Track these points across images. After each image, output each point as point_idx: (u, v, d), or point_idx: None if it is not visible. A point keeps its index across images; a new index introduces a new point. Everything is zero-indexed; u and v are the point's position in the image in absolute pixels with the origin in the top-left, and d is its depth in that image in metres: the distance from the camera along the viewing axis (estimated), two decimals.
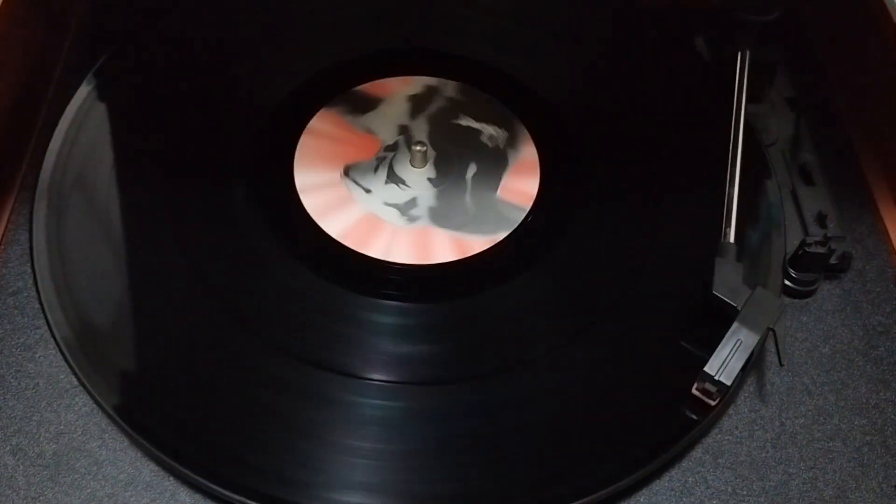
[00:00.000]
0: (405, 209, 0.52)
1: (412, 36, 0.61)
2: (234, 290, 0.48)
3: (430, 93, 0.58)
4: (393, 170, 0.54)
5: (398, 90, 0.58)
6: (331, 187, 0.53)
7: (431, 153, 0.54)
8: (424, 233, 0.51)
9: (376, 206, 0.52)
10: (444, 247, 0.50)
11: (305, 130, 0.55)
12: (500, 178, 0.54)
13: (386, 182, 0.53)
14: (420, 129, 0.56)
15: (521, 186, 0.53)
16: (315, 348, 0.46)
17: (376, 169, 0.54)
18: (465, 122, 0.56)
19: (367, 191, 0.53)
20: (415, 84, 0.58)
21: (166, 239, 0.49)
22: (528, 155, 0.55)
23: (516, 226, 0.51)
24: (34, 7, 0.58)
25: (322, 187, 0.52)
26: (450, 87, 0.58)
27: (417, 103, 0.57)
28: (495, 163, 0.55)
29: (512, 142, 0.56)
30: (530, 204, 0.52)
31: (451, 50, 0.60)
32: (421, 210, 0.52)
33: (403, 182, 0.54)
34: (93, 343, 0.45)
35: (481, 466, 0.42)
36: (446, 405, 0.44)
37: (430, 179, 0.54)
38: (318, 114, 0.56)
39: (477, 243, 0.50)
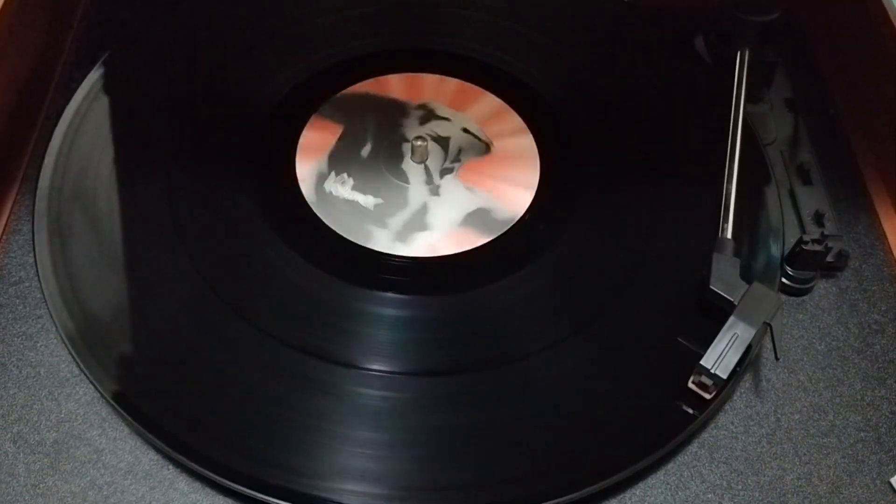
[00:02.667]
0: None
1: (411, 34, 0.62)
2: (234, 280, 0.48)
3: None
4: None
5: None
6: (385, 224, 0.52)
7: (434, 154, 0.55)
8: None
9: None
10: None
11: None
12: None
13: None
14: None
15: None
16: (314, 338, 0.46)
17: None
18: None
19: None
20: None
21: (166, 229, 0.50)
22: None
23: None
24: (38, 3, 0.59)
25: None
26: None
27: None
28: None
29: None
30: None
31: (457, 50, 0.61)
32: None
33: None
34: (93, 332, 0.45)
35: (478, 458, 0.43)
36: (445, 396, 0.45)
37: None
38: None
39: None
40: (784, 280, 0.50)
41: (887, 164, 0.57)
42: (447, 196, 0.53)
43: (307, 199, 0.52)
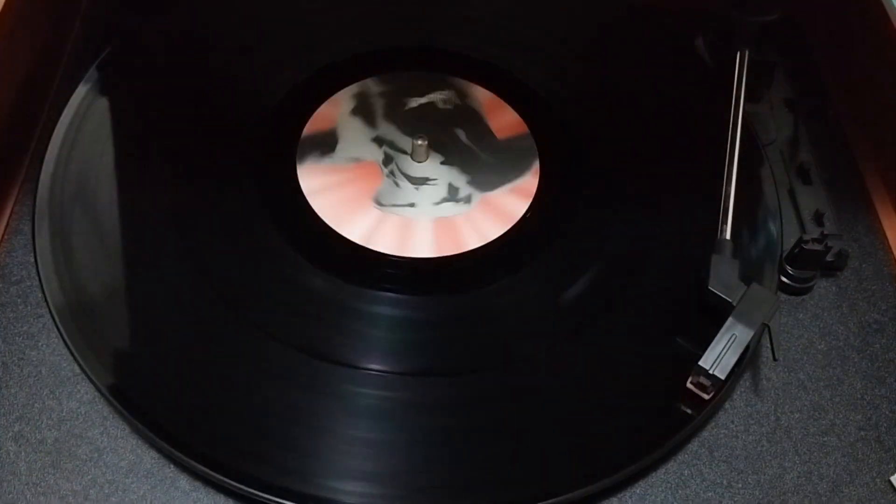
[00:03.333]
0: (453, 196, 0.53)
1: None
2: (236, 281, 0.48)
3: (363, 97, 0.58)
4: (409, 175, 0.54)
5: (336, 113, 0.57)
6: (384, 223, 0.52)
7: (432, 147, 0.55)
8: (487, 202, 0.53)
9: (432, 211, 0.52)
10: (513, 202, 0.53)
11: (308, 194, 0.53)
12: (487, 125, 0.56)
13: (416, 188, 0.54)
14: (390, 131, 0.56)
15: (505, 121, 0.56)
16: (315, 339, 0.46)
17: (397, 184, 0.54)
18: (415, 102, 0.57)
19: (412, 205, 0.53)
20: (344, 99, 0.58)
21: (167, 229, 0.50)
22: (486, 96, 0.57)
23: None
24: (38, 3, 0.59)
25: (378, 228, 0.51)
26: (371, 84, 0.58)
27: (364, 112, 0.57)
28: (471, 117, 0.57)
29: (463, 93, 0.58)
30: (527, 130, 0.55)
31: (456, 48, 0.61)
32: (465, 189, 0.53)
33: (428, 179, 0.54)
34: (94, 332, 0.45)
35: (477, 457, 0.43)
36: (443, 397, 0.45)
37: (442, 163, 0.55)
38: (301, 173, 0.53)
39: (529, 183, 0.53)
40: (784, 279, 0.50)
41: (887, 164, 0.57)
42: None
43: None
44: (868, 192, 0.57)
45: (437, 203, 0.53)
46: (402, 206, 0.53)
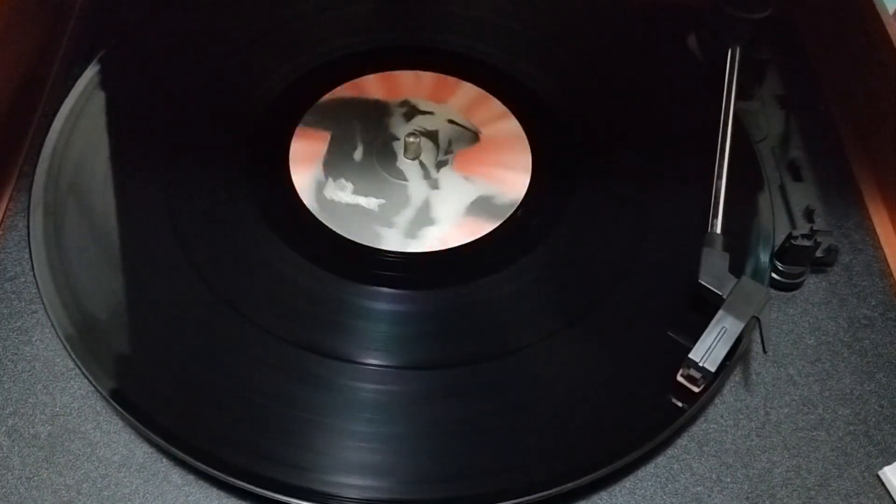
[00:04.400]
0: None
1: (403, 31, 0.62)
2: (229, 275, 0.48)
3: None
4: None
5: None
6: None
7: (427, 149, 0.55)
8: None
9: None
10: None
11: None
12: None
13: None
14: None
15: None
16: (310, 333, 0.46)
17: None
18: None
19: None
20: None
21: (161, 226, 0.50)
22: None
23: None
24: (35, 1, 0.59)
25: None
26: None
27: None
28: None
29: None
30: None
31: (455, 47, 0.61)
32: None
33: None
34: (88, 327, 0.45)
35: (470, 450, 0.43)
36: (440, 390, 0.45)
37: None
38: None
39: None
40: (774, 275, 0.51)
41: (878, 161, 0.58)
42: (447, 188, 0.54)
43: (308, 207, 0.52)
44: (858, 189, 0.57)
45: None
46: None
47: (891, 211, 0.55)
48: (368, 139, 0.56)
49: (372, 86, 0.59)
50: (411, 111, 0.57)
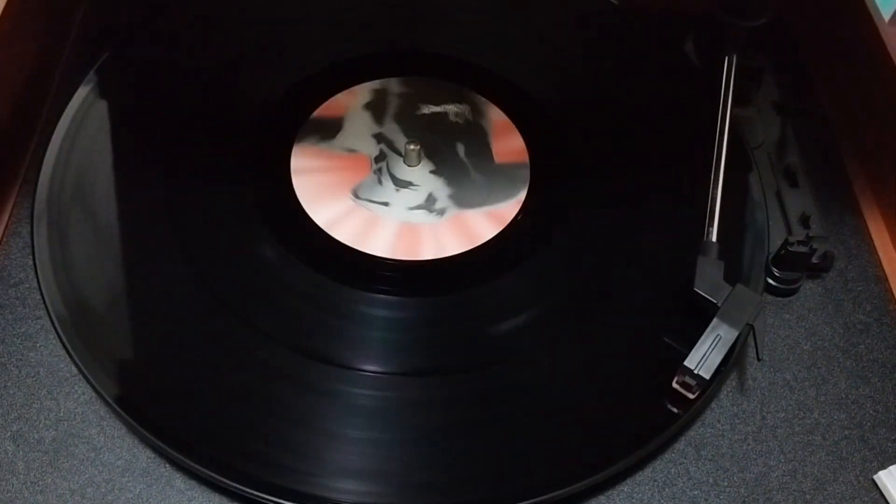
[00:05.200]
0: (429, 206, 0.54)
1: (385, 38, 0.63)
2: (231, 282, 0.49)
3: (381, 95, 0.59)
4: (395, 176, 0.55)
5: (351, 103, 0.58)
6: (351, 213, 0.53)
7: (417, 149, 0.56)
8: (460, 220, 0.53)
9: (403, 215, 0.53)
10: (484, 225, 0.53)
11: (292, 171, 0.55)
12: (488, 146, 0.56)
13: (396, 190, 0.54)
14: (393, 131, 0.57)
15: (510, 146, 0.56)
16: (310, 340, 0.47)
17: (380, 181, 0.55)
18: (428, 109, 0.58)
19: (385, 204, 0.54)
20: (362, 92, 0.59)
21: (164, 232, 0.50)
22: (499, 118, 0.57)
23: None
24: (37, 7, 0.59)
25: (344, 216, 0.52)
26: (394, 83, 0.59)
27: (376, 109, 0.58)
28: (477, 135, 0.57)
29: (479, 112, 0.58)
30: (526, 158, 0.55)
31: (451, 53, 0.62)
32: (443, 201, 0.54)
33: (411, 183, 0.55)
34: (92, 333, 0.46)
35: (467, 456, 0.43)
36: (436, 396, 0.45)
37: (432, 172, 0.55)
38: (294, 151, 0.55)
39: (507, 211, 0.53)
40: (770, 281, 0.51)
41: (873, 167, 0.58)
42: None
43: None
44: (854, 195, 0.57)
45: (411, 209, 0.53)
46: (376, 202, 0.53)
47: (886, 216, 0.56)
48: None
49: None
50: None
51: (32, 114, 0.58)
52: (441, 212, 0.53)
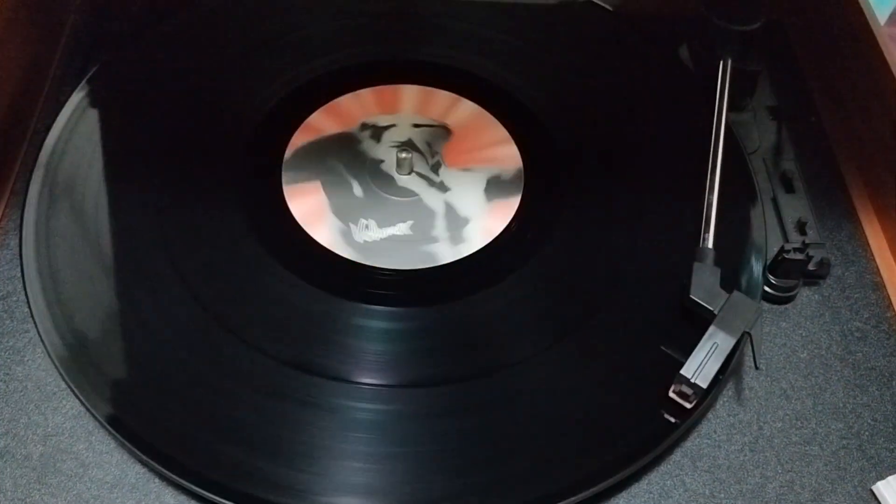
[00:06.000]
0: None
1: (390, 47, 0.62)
2: (222, 295, 0.48)
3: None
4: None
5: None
6: (343, 227, 0.52)
7: (416, 158, 0.55)
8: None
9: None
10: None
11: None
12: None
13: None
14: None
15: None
16: (303, 354, 0.46)
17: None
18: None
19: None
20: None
21: (155, 245, 0.50)
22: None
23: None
24: (27, 16, 0.59)
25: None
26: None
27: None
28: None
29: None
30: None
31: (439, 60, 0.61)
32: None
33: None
34: (80, 347, 0.45)
35: (464, 468, 0.43)
36: (431, 408, 0.45)
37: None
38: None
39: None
40: (766, 288, 0.51)
41: (870, 172, 0.58)
42: (455, 186, 0.54)
43: (347, 257, 0.51)
44: (851, 201, 0.57)
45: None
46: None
47: (883, 222, 0.55)
48: (356, 173, 0.55)
49: (323, 122, 0.57)
50: (376, 131, 0.57)
51: (22, 124, 0.57)
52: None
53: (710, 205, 0.50)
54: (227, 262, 0.50)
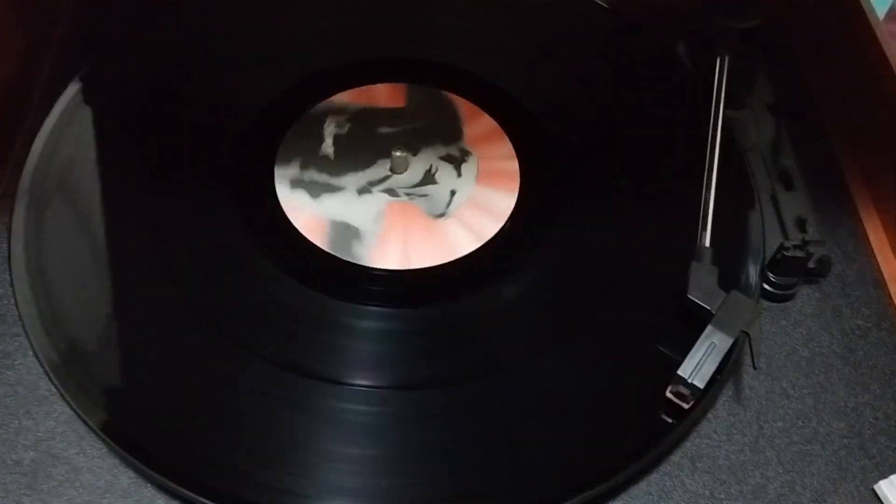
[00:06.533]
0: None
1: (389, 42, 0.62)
2: (215, 298, 0.48)
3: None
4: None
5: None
6: (339, 225, 0.52)
7: (406, 157, 0.55)
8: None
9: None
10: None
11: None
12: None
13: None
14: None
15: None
16: (296, 355, 0.46)
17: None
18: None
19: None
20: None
21: (146, 248, 0.49)
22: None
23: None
24: (18, 15, 0.59)
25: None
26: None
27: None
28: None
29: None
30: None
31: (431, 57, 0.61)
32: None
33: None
34: (71, 351, 0.45)
35: (458, 472, 0.42)
36: (426, 410, 0.44)
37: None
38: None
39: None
40: (766, 286, 0.50)
41: (869, 169, 0.57)
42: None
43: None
44: (851, 197, 0.56)
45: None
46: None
47: (883, 219, 0.55)
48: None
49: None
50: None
51: (12, 127, 0.57)
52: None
53: (707, 203, 0.50)
54: (220, 262, 0.49)
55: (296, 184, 0.53)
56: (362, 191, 0.54)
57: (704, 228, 0.48)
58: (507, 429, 0.44)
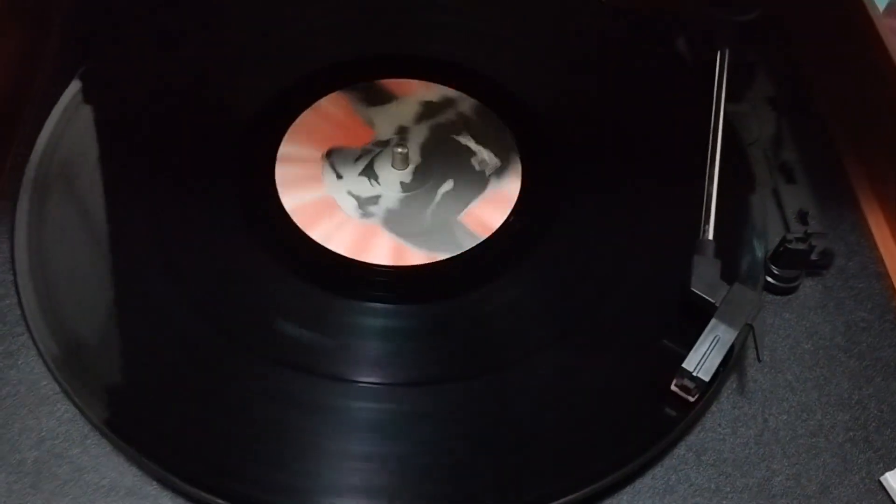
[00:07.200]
0: (364, 204, 0.52)
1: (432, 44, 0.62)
2: (217, 296, 0.48)
3: (446, 104, 0.58)
4: (372, 165, 0.54)
5: (416, 93, 0.58)
6: (307, 163, 0.53)
7: (415, 158, 0.55)
8: (370, 231, 0.51)
9: (339, 193, 0.53)
10: (381, 250, 0.50)
11: (312, 107, 0.56)
12: (469, 203, 0.53)
13: (360, 174, 0.54)
14: (417, 134, 0.56)
15: (485, 216, 0.52)
16: (300, 353, 0.45)
17: (357, 159, 0.54)
18: (465, 140, 0.56)
19: (339, 176, 0.53)
20: (435, 91, 0.58)
21: (149, 246, 0.49)
22: (509, 188, 0.54)
23: (460, 252, 0.50)
24: (15, 14, 0.58)
25: (298, 161, 0.53)
26: (466, 104, 0.58)
27: (428, 110, 0.57)
28: (473, 187, 0.54)
29: (500, 172, 0.54)
30: (487, 235, 0.51)
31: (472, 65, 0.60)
32: (379, 209, 0.52)
33: (376, 179, 0.54)
34: (74, 350, 0.45)
35: (465, 466, 0.42)
36: (431, 407, 0.44)
37: (402, 183, 0.54)
38: (332, 95, 0.57)
39: (416, 256, 0.50)
40: (769, 279, 0.50)
41: (871, 161, 0.57)
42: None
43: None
44: (853, 190, 0.56)
45: (349, 193, 0.53)
46: (334, 171, 0.54)
47: (886, 211, 0.55)
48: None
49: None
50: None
51: (11, 127, 0.56)
52: (366, 215, 0.52)
53: (709, 196, 0.50)
54: (220, 259, 0.49)
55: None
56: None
57: (707, 222, 0.48)
58: (513, 423, 0.44)
